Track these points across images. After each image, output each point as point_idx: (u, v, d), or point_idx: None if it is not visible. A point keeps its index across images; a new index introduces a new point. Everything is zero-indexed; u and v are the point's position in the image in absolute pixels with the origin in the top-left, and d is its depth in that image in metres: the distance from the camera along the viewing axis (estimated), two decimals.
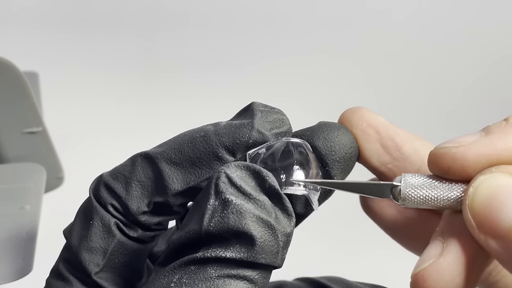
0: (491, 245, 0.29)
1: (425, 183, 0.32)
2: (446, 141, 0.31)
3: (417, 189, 0.32)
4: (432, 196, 0.31)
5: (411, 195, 0.32)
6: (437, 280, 0.30)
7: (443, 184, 0.31)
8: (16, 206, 0.47)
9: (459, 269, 0.30)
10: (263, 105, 0.33)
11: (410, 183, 0.32)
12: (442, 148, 0.31)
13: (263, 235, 0.30)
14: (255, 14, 1.01)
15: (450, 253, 0.30)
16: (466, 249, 0.30)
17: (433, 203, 0.32)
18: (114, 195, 0.34)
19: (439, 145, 0.31)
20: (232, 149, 0.32)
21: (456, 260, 0.30)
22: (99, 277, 0.34)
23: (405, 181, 0.32)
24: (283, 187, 0.32)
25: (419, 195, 0.32)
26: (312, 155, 0.33)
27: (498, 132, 0.31)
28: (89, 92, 0.99)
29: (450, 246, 0.31)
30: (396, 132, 0.35)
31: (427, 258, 0.31)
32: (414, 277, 0.31)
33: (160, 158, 0.33)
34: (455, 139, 0.31)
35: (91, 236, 0.34)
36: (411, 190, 0.32)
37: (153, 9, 1.01)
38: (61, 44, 0.99)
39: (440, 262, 0.30)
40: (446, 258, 0.30)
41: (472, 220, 0.30)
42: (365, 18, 1.02)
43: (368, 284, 0.41)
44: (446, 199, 0.31)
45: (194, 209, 0.32)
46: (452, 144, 0.31)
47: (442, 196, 0.31)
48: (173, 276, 0.30)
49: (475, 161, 0.31)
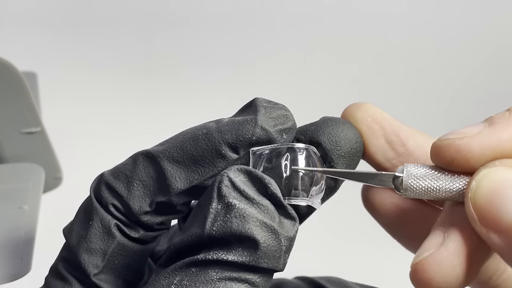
0: (492, 239, 0.29)
1: (427, 174, 0.31)
2: (449, 132, 0.31)
3: (419, 180, 0.31)
4: (434, 187, 0.31)
5: (413, 186, 0.31)
6: (437, 270, 0.30)
7: (446, 176, 0.31)
8: (14, 206, 0.47)
9: (459, 260, 0.30)
10: (267, 101, 0.33)
11: (412, 173, 0.31)
12: (445, 140, 0.31)
13: (266, 239, 0.30)
14: (254, 11, 1.01)
15: (451, 244, 0.30)
16: (467, 241, 0.30)
17: (434, 194, 0.31)
18: (116, 195, 0.33)
19: (442, 136, 0.31)
20: (235, 146, 0.32)
21: (457, 250, 0.30)
22: (98, 278, 0.33)
23: (407, 172, 0.31)
24: (286, 197, 0.31)
25: (421, 185, 0.31)
26: (318, 161, 0.32)
27: (502, 123, 0.31)
28: (88, 92, 0.99)
29: (451, 236, 0.30)
30: (400, 127, 0.35)
31: (427, 248, 0.30)
32: (413, 266, 0.30)
33: (162, 157, 0.33)
34: (459, 131, 0.31)
35: (90, 237, 0.33)
36: (413, 181, 0.31)
37: (150, 9, 1.01)
38: (59, 44, 0.99)
39: (440, 252, 0.30)
40: (447, 248, 0.30)
41: (474, 214, 0.30)
42: (366, 16, 1.02)
43: (366, 286, 0.40)
44: (448, 190, 0.31)
45: (196, 212, 0.31)
46: (455, 135, 0.31)
47: (444, 187, 0.31)
48: (173, 278, 0.30)
49: (479, 153, 0.30)
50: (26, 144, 0.54)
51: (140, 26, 1.01)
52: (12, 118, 0.52)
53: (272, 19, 1.01)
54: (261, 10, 1.01)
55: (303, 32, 1.02)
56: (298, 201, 0.32)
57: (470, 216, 0.30)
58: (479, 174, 0.30)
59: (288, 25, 1.02)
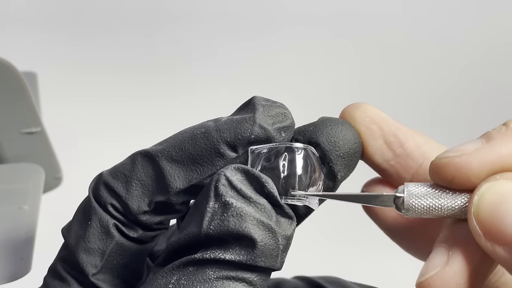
0: (498, 252, 0.29)
1: (428, 193, 0.31)
2: (447, 150, 0.31)
3: (420, 199, 0.31)
4: (435, 206, 0.31)
5: (415, 205, 0.31)
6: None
7: (446, 193, 0.31)
8: (14, 206, 0.47)
9: (464, 277, 0.30)
10: (265, 99, 0.33)
11: (413, 193, 0.31)
12: (444, 158, 0.31)
13: (263, 238, 0.30)
14: (254, 10, 1.01)
15: (456, 262, 0.30)
16: (471, 257, 0.30)
17: (436, 213, 0.31)
18: (114, 195, 0.33)
19: (440, 155, 0.31)
20: (234, 144, 0.32)
21: (462, 269, 0.30)
22: (96, 278, 0.33)
23: (408, 191, 0.31)
24: (283, 197, 0.31)
25: (423, 205, 0.31)
26: (316, 161, 0.32)
27: (499, 138, 0.31)
28: (88, 92, 0.99)
29: (456, 254, 0.30)
30: (399, 128, 0.35)
31: (432, 266, 0.30)
32: (419, 285, 0.30)
33: (160, 156, 0.33)
34: (456, 148, 0.31)
35: (89, 237, 0.33)
36: (414, 200, 0.31)
37: (150, 8, 1.01)
38: (59, 44, 0.99)
39: (446, 271, 0.30)
40: (452, 267, 0.30)
41: (478, 228, 0.30)
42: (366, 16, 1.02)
43: (364, 285, 0.40)
44: (450, 208, 0.31)
45: (194, 211, 0.31)
46: (454, 153, 0.31)
47: (446, 205, 0.31)
48: (171, 277, 0.30)
49: (479, 170, 0.30)
50: (26, 144, 0.54)
51: (140, 26, 1.01)
52: (12, 118, 0.52)
53: (272, 18, 1.01)
54: (261, 9, 1.01)
55: (301, 31, 1.01)
56: (295, 201, 0.32)
57: (474, 231, 0.30)
58: (481, 188, 0.30)
59: (287, 24, 1.01)
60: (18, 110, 0.52)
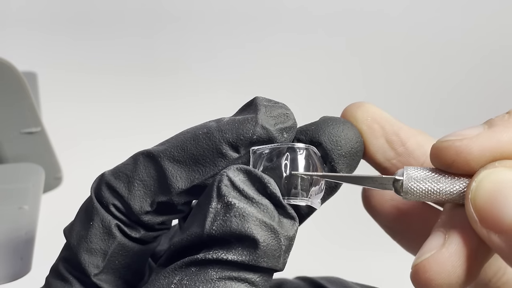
0: (493, 240, 0.29)
1: (427, 177, 0.31)
2: (449, 134, 0.31)
3: (419, 183, 0.31)
4: (434, 190, 0.31)
5: (413, 189, 0.31)
6: (438, 271, 0.30)
7: (446, 178, 0.31)
8: (14, 206, 0.47)
9: (460, 260, 0.30)
10: (267, 100, 0.33)
11: (412, 176, 0.31)
12: (445, 141, 0.31)
13: (266, 239, 0.30)
14: (255, 11, 1.01)
15: (452, 245, 0.30)
16: (468, 242, 0.30)
17: (435, 197, 0.31)
18: (116, 195, 0.33)
19: (441, 138, 0.31)
20: (236, 145, 0.32)
21: (458, 251, 0.30)
22: (98, 278, 0.33)
23: (408, 174, 0.31)
24: (285, 197, 0.31)
25: (421, 188, 0.31)
26: (318, 161, 0.32)
27: (501, 125, 0.31)
28: (88, 92, 0.99)
29: (452, 238, 0.30)
30: (400, 127, 0.35)
31: (428, 249, 0.31)
32: (415, 267, 0.30)
33: (162, 157, 0.33)
34: (458, 132, 0.31)
35: (91, 237, 0.33)
36: (413, 184, 0.31)
37: (151, 9, 1.01)
38: (59, 44, 0.99)
39: (442, 253, 0.30)
40: (448, 249, 0.30)
41: (474, 215, 0.30)
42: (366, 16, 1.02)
43: (365, 286, 0.40)
44: (449, 192, 0.31)
45: (196, 211, 0.31)
46: (455, 137, 0.31)
47: (444, 189, 0.31)
48: (173, 277, 0.30)
49: (479, 155, 0.30)
50: (26, 144, 0.54)
51: (140, 27, 1.01)
52: (12, 118, 0.52)
53: (274, 20, 1.01)
54: (263, 10, 1.01)
55: (303, 31, 1.02)
56: (297, 201, 0.32)
57: (470, 217, 0.30)
58: (479, 175, 0.30)
59: (289, 24, 1.02)
60: (18, 110, 0.52)
